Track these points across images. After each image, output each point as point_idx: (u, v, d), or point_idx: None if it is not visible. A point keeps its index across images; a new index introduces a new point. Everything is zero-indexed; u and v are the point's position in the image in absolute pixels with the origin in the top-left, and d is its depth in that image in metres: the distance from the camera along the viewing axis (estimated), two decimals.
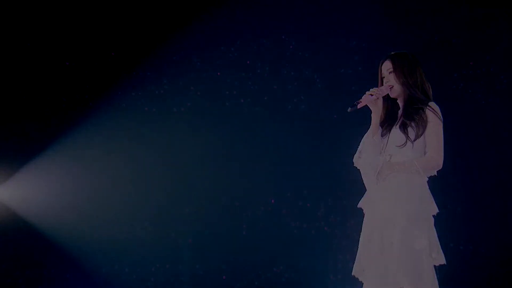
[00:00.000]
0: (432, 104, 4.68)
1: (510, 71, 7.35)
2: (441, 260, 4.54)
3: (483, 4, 7.36)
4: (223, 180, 7.79)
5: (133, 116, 7.84)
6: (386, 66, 4.77)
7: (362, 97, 4.67)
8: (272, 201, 7.79)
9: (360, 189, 4.78)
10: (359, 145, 4.78)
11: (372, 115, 4.75)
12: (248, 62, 7.83)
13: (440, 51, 7.44)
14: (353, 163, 4.77)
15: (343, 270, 7.31)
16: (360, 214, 4.76)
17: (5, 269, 7.74)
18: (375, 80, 4.83)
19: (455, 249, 7.28)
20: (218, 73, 7.86)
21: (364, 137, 4.78)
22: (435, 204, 4.60)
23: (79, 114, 7.80)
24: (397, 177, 4.61)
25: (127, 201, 7.78)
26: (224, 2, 7.77)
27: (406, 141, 4.62)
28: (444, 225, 4.93)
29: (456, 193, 7.35)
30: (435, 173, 4.67)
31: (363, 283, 4.66)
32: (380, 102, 4.73)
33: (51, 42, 7.78)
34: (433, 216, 4.60)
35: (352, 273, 4.68)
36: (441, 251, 4.54)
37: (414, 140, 4.62)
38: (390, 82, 4.74)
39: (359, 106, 4.64)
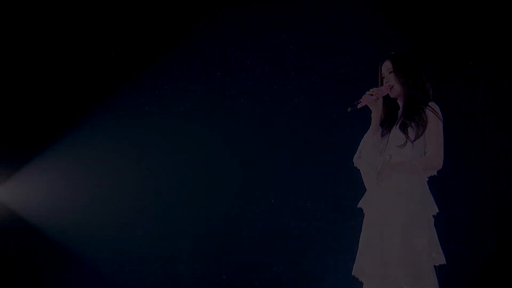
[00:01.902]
0: (432, 104, 4.68)
1: (510, 71, 7.34)
2: (441, 260, 4.54)
3: (483, 4, 7.36)
4: (223, 180, 7.78)
5: (133, 116, 7.84)
6: (386, 66, 4.77)
7: (362, 97, 4.67)
8: (272, 201, 7.79)
9: (360, 189, 4.78)
10: (359, 145, 4.78)
11: (372, 115, 4.75)
12: (248, 62, 7.83)
13: (440, 51, 7.44)
14: (353, 163, 4.77)
15: (343, 270, 7.31)
16: (360, 214, 4.76)
17: (5, 269, 7.73)
18: (375, 80, 4.84)
19: (455, 249, 7.28)
20: (218, 73, 7.86)
21: (364, 137, 4.78)
22: (435, 204, 4.60)
23: (79, 114, 7.80)
24: (397, 177, 4.61)
25: (127, 201, 7.78)
26: (224, 2, 7.77)
27: (406, 141, 4.62)
28: (444, 225, 4.94)
29: (456, 193, 7.35)
30: (435, 173, 4.67)
31: (363, 283, 4.66)
32: (380, 102, 4.73)
33: (51, 42, 7.78)
34: (433, 216, 4.60)
35: (352, 273, 4.68)
36: (441, 251, 4.54)
37: (414, 140, 4.62)
38: (390, 82, 4.74)
39: (359, 106, 4.64)
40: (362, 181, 4.75)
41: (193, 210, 7.79)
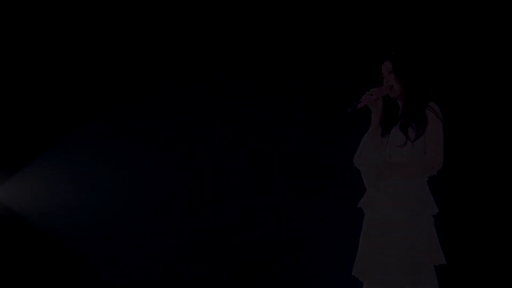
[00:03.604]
0: (432, 104, 4.68)
1: (510, 71, 7.34)
2: (441, 260, 4.55)
3: (483, 4, 7.36)
4: (223, 179, 7.79)
5: (133, 116, 7.85)
6: (386, 66, 4.77)
7: (362, 97, 4.67)
8: (272, 201, 7.79)
9: (360, 189, 4.78)
10: (359, 145, 4.78)
11: (372, 115, 4.75)
12: (248, 62, 7.83)
13: (440, 51, 7.44)
14: (353, 163, 4.77)
15: (343, 270, 7.31)
16: (360, 214, 4.76)
17: (5, 269, 7.74)
18: (375, 80, 4.83)
19: (455, 249, 7.28)
20: (218, 73, 7.86)
21: (364, 137, 4.78)
22: (435, 204, 4.60)
23: (79, 114, 7.80)
24: (397, 177, 4.61)
25: (127, 201, 7.78)
26: (224, 2, 7.77)
27: (406, 141, 4.62)
28: (444, 225, 4.93)
29: (456, 193, 7.35)
30: (435, 173, 4.67)
31: (363, 283, 4.66)
32: (380, 102, 4.73)
33: (51, 42, 7.78)
34: (433, 216, 4.60)
35: (352, 273, 4.68)
36: (441, 251, 4.55)
37: (414, 140, 4.62)
38: (390, 82, 4.74)
39: (359, 106, 4.64)
40: (362, 181, 4.75)
41: (193, 210, 7.80)
